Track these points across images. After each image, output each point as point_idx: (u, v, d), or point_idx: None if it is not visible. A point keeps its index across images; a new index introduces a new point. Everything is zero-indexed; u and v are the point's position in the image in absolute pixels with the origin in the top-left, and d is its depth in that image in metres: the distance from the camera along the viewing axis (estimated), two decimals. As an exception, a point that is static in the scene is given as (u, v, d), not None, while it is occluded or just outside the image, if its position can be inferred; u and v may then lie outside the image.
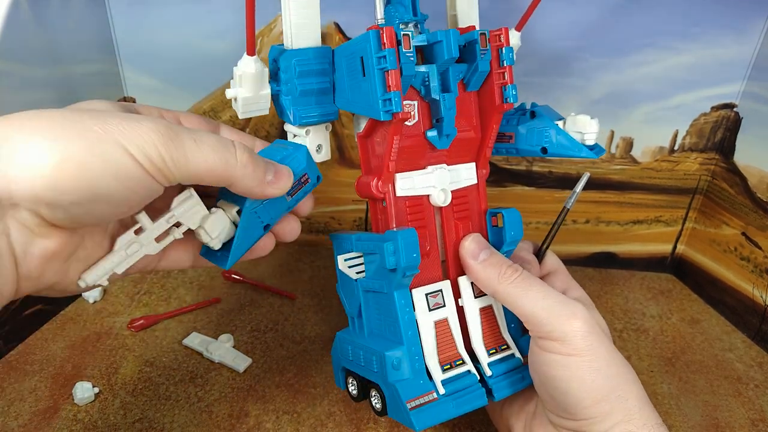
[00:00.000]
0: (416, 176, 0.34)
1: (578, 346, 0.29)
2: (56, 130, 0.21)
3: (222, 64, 0.56)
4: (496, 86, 0.33)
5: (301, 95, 0.32)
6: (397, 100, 0.29)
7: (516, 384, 0.34)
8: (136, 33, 0.55)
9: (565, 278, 0.37)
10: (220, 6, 0.53)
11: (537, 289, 0.31)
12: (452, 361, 0.34)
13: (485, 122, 0.35)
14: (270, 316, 0.53)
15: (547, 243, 0.38)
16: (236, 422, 0.40)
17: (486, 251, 0.34)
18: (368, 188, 0.33)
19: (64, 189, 0.21)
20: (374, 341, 0.35)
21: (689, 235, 0.63)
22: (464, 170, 0.36)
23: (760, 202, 0.53)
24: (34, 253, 0.23)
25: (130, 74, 0.57)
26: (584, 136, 0.35)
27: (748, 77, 0.54)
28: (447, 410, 0.32)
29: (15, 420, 0.40)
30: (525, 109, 0.38)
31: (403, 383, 0.32)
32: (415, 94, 0.33)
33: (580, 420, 0.29)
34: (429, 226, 0.34)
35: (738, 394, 0.46)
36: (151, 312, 0.52)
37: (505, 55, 0.32)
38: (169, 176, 0.24)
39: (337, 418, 0.41)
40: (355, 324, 0.37)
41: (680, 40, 0.53)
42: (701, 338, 0.53)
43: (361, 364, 0.35)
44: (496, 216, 0.35)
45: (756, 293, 0.53)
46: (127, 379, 0.44)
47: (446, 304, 0.34)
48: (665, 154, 0.58)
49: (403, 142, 0.32)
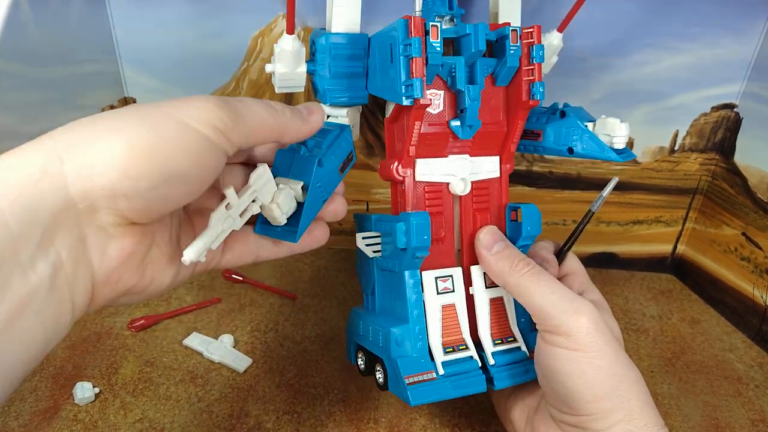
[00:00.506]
0: (437, 163, 0.35)
1: (583, 341, 0.29)
2: (118, 121, 0.22)
3: (222, 64, 0.56)
4: (524, 82, 0.33)
5: (333, 77, 0.34)
6: (418, 86, 0.30)
7: (518, 376, 0.35)
8: (136, 33, 0.55)
9: (584, 281, 0.37)
10: (220, 6, 0.53)
11: (546, 284, 0.31)
12: (456, 345, 0.34)
13: (511, 117, 0.35)
14: (270, 316, 0.53)
15: (569, 244, 0.38)
16: (236, 422, 0.40)
17: (501, 243, 0.34)
18: (389, 171, 0.34)
19: (139, 175, 0.21)
20: (383, 318, 0.36)
21: (689, 236, 0.63)
22: (487, 162, 0.36)
23: (760, 202, 0.53)
24: (111, 256, 0.23)
25: (130, 74, 0.57)
26: (613, 140, 0.35)
27: (749, 77, 0.54)
28: (443, 390, 0.33)
29: (15, 420, 0.40)
30: (557, 108, 0.38)
31: (404, 359, 0.33)
32: (442, 84, 0.34)
33: (580, 416, 0.29)
34: (446, 213, 0.35)
35: (738, 394, 0.46)
36: (151, 312, 0.52)
37: (536, 53, 0.33)
38: (232, 138, 0.25)
39: (337, 418, 0.41)
40: (369, 301, 0.39)
41: (680, 40, 0.53)
42: (701, 338, 0.53)
43: (369, 339, 0.36)
44: (516, 211, 0.36)
45: (756, 293, 0.53)
46: (127, 379, 0.44)
47: (455, 290, 0.35)
48: (665, 154, 0.58)
49: (426, 129, 0.33)
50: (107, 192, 0.21)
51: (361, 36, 0.34)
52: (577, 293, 0.35)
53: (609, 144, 0.35)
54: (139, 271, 0.25)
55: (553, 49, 0.41)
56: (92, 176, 0.21)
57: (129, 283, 0.25)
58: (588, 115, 0.37)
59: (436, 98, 0.34)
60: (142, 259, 0.25)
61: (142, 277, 0.25)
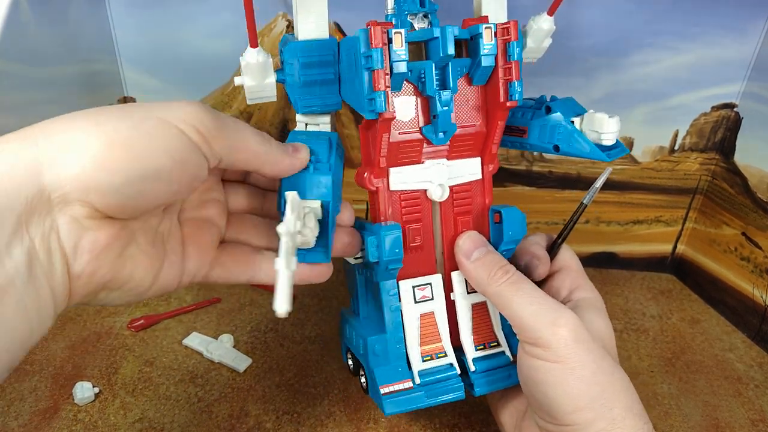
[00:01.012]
0: (411, 171, 0.34)
1: (562, 353, 0.28)
2: (100, 116, 0.22)
3: (222, 64, 0.56)
4: (501, 82, 0.32)
5: (303, 85, 0.33)
6: (380, 101, 0.28)
7: (499, 381, 0.34)
8: (136, 33, 0.55)
9: (577, 276, 0.35)
10: (220, 6, 0.53)
11: (525, 293, 0.30)
12: (434, 353, 0.34)
13: (491, 118, 0.34)
14: (270, 316, 0.53)
15: (562, 238, 0.37)
16: (236, 422, 0.40)
17: (481, 249, 0.33)
18: (363, 180, 0.33)
19: (113, 168, 0.21)
20: (365, 324, 0.36)
21: (689, 235, 0.63)
22: (467, 165, 0.35)
23: (760, 202, 0.53)
24: (84, 248, 0.22)
25: (130, 74, 0.57)
26: (601, 136, 0.32)
27: (749, 77, 0.54)
28: (419, 400, 0.33)
29: (15, 420, 0.40)
30: (543, 102, 0.36)
31: (380, 369, 0.33)
32: (413, 89, 0.32)
33: (561, 425, 0.29)
34: (425, 221, 0.34)
35: (738, 394, 0.46)
36: (151, 312, 0.52)
37: (512, 50, 0.31)
38: (214, 145, 0.24)
39: (337, 418, 0.41)
40: (353, 304, 0.39)
41: (680, 40, 0.53)
42: (701, 338, 0.53)
43: (353, 344, 0.37)
44: (499, 213, 0.35)
45: (756, 293, 0.53)
46: (127, 379, 0.44)
47: (434, 297, 0.35)
48: (665, 154, 0.58)
49: (397, 137, 0.32)
50: (80, 183, 0.21)
51: (330, 41, 0.33)
52: (570, 290, 0.34)
53: (597, 141, 0.33)
54: (116, 267, 0.24)
55: (545, 33, 0.37)
56: (66, 166, 0.21)
57: (105, 277, 0.24)
58: (578, 108, 0.35)
59: (407, 106, 0.32)
60: (118, 254, 0.24)
61: (119, 273, 0.25)
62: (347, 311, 0.39)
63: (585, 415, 0.28)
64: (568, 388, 0.28)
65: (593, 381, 0.28)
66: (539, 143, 0.35)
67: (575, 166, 0.59)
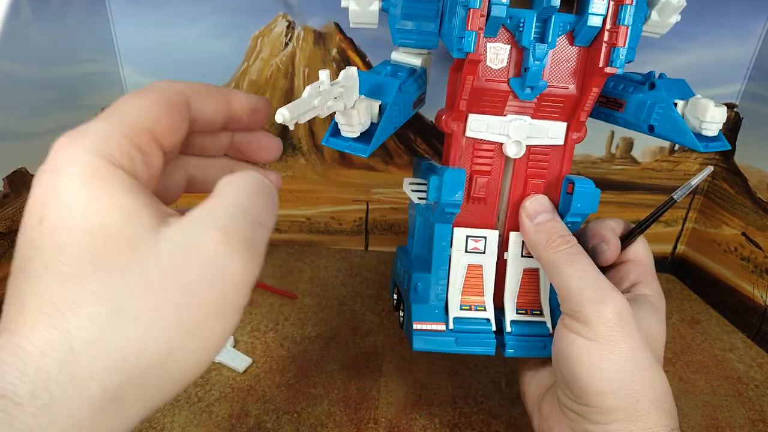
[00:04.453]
0: (492, 120, 0.32)
1: (600, 334, 0.27)
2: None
3: (222, 64, 0.56)
4: (604, 45, 0.29)
5: (404, 17, 0.33)
6: (469, 40, 0.27)
7: (534, 350, 0.34)
8: (136, 33, 0.55)
9: (644, 271, 0.34)
10: (220, 6, 0.53)
11: (579, 266, 0.29)
12: (474, 305, 0.34)
13: (586, 83, 0.31)
14: (270, 316, 0.53)
15: (640, 229, 0.35)
16: (236, 422, 0.40)
17: (546, 215, 0.33)
18: (440, 121, 0.33)
19: None
20: (414, 262, 0.37)
21: (689, 235, 0.63)
22: (551, 128, 0.33)
23: (760, 202, 0.53)
24: None
25: (130, 74, 0.57)
26: (702, 125, 0.30)
27: (749, 77, 0.54)
28: (448, 344, 0.33)
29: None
30: (650, 77, 0.34)
31: (418, 306, 0.34)
32: (510, 37, 0.31)
33: (582, 405, 0.28)
34: (494, 174, 0.34)
35: (738, 394, 0.46)
36: (151, 312, 0.52)
37: (624, 14, 0.28)
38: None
39: (337, 418, 0.41)
40: (410, 243, 0.39)
41: (680, 40, 0.53)
42: (701, 338, 0.53)
43: (400, 278, 0.38)
44: (573, 183, 0.33)
45: (756, 293, 0.53)
46: (127, 379, 0.44)
47: (486, 252, 0.35)
48: (665, 154, 0.58)
49: (482, 84, 0.31)
50: None
51: None
52: (633, 282, 0.33)
53: (697, 129, 0.30)
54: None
55: (673, 8, 0.33)
56: None
57: None
58: (686, 91, 0.32)
59: (499, 53, 0.31)
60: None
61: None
62: (402, 248, 0.40)
63: (608, 402, 0.27)
64: (597, 371, 0.27)
65: (624, 369, 0.27)
66: (634, 120, 0.33)
67: (575, 166, 0.59)
